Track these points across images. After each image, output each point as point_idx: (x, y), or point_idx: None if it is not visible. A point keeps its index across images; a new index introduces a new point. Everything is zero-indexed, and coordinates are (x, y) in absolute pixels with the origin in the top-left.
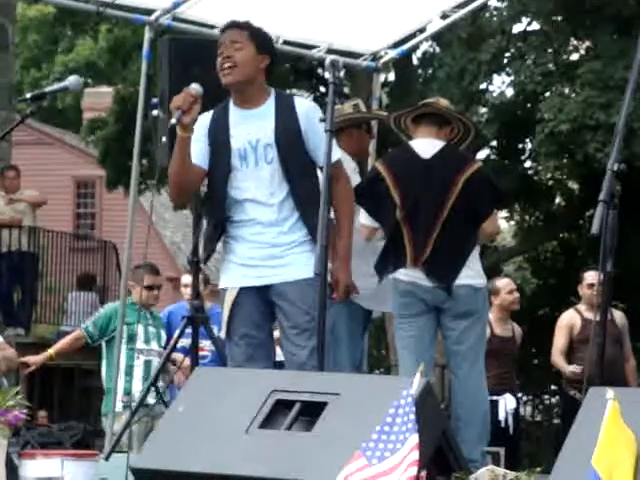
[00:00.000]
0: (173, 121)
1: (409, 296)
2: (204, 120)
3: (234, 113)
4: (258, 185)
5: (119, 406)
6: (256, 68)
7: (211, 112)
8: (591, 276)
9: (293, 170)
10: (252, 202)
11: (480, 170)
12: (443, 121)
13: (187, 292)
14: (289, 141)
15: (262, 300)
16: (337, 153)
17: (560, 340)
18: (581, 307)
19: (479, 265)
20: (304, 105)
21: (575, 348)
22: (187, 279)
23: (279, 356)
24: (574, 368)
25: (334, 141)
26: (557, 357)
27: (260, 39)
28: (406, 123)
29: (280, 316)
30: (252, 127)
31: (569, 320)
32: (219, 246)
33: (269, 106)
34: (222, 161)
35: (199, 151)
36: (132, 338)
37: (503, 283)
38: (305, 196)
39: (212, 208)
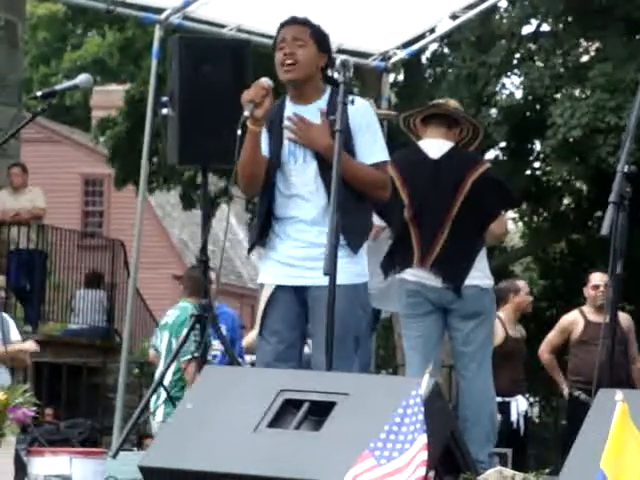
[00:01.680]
0: (246, 114)
1: (416, 296)
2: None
3: (289, 108)
4: (304, 181)
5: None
6: (316, 67)
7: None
8: (597, 278)
9: None
10: (297, 198)
11: (488, 171)
12: (452, 122)
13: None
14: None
15: (298, 300)
16: (383, 154)
17: (554, 337)
18: (585, 309)
19: (486, 266)
20: (356, 104)
21: (574, 349)
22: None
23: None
24: (566, 387)
25: (383, 142)
26: (545, 353)
27: (321, 38)
28: (415, 123)
29: (311, 319)
30: None
31: (572, 321)
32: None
33: (322, 104)
34: (275, 155)
35: (262, 141)
36: None
37: (522, 284)
38: (346, 200)
39: (261, 201)
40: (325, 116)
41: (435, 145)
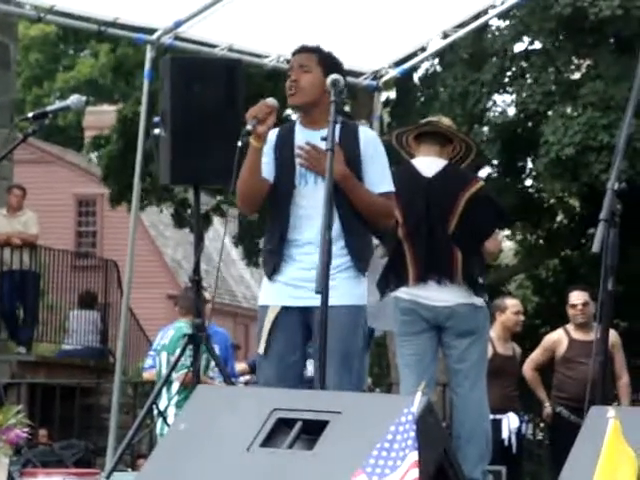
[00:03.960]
0: (248, 127)
1: (410, 314)
2: (271, 136)
3: (299, 132)
4: (314, 204)
5: None
6: (322, 91)
7: (277, 129)
8: (574, 296)
9: (345, 195)
10: (305, 219)
11: (482, 189)
12: (445, 140)
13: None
14: (348, 165)
15: (302, 322)
16: (390, 185)
17: (538, 355)
18: (569, 327)
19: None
20: (368, 134)
21: (558, 367)
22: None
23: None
24: (548, 404)
25: (389, 173)
26: (528, 370)
27: (328, 63)
28: (408, 141)
29: (314, 338)
30: None
31: (556, 340)
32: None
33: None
34: (286, 178)
35: (266, 165)
36: None
37: (512, 303)
38: (353, 223)
39: (274, 224)
40: (337, 145)
41: (428, 163)
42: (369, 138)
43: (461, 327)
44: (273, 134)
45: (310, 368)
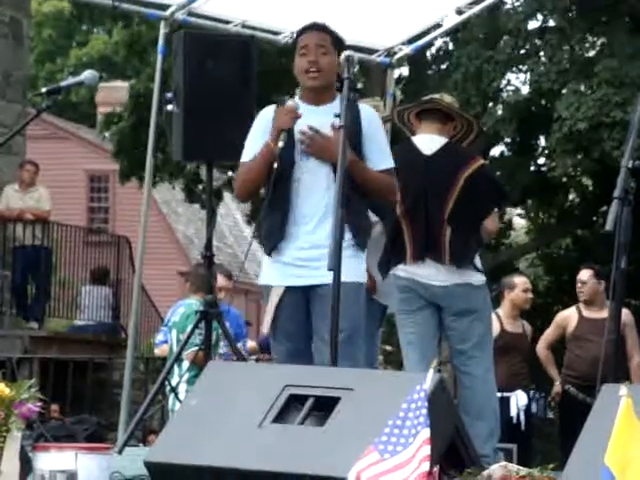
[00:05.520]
0: (281, 145)
1: (408, 292)
2: (268, 113)
3: (303, 108)
4: (314, 179)
5: None
6: (335, 73)
7: (273, 106)
8: (581, 274)
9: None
10: (307, 196)
11: (482, 168)
12: (446, 117)
13: (221, 295)
14: (348, 141)
15: (306, 300)
16: (390, 161)
17: (550, 332)
18: (581, 305)
19: (478, 263)
20: (368, 111)
21: (568, 344)
22: (221, 282)
23: None
24: (558, 382)
25: (389, 149)
26: (541, 348)
27: (341, 45)
28: (410, 118)
29: (314, 316)
30: (315, 122)
31: (567, 316)
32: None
33: (334, 106)
34: (287, 153)
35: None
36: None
37: (520, 280)
38: (353, 201)
39: (277, 199)
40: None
41: (429, 141)
42: (369, 115)
43: (458, 307)
44: (271, 110)
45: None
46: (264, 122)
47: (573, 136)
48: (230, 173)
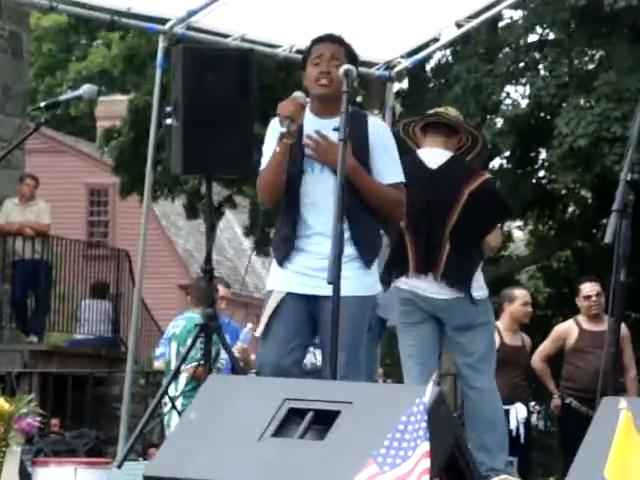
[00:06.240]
0: (283, 130)
1: (409, 304)
2: (278, 123)
3: (309, 119)
4: (322, 192)
5: None
6: None
7: None
8: (587, 288)
9: (352, 186)
10: (313, 209)
11: (486, 183)
12: (451, 131)
13: (222, 305)
14: (355, 155)
15: (306, 310)
16: (400, 176)
17: (548, 346)
18: (580, 318)
19: (481, 277)
20: (377, 124)
21: (568, 357)
22: (222, 291)
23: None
24: (557, 395)
25: (399, 164)
26: (537, 360)
27: (354, 58)
28: (415, 131)
29: (321, 331)
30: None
31: (566, 329)
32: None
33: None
34: (295, 165)
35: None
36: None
37: (520, 293)
38: (359, 214)
39: (287, 209)
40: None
41: (433, 154)
42: (378, 128)
43: (459, 320)
44: None
45: (319, 358)
46: (276, 129)
47: (574, 152)
48: (231, 190)
